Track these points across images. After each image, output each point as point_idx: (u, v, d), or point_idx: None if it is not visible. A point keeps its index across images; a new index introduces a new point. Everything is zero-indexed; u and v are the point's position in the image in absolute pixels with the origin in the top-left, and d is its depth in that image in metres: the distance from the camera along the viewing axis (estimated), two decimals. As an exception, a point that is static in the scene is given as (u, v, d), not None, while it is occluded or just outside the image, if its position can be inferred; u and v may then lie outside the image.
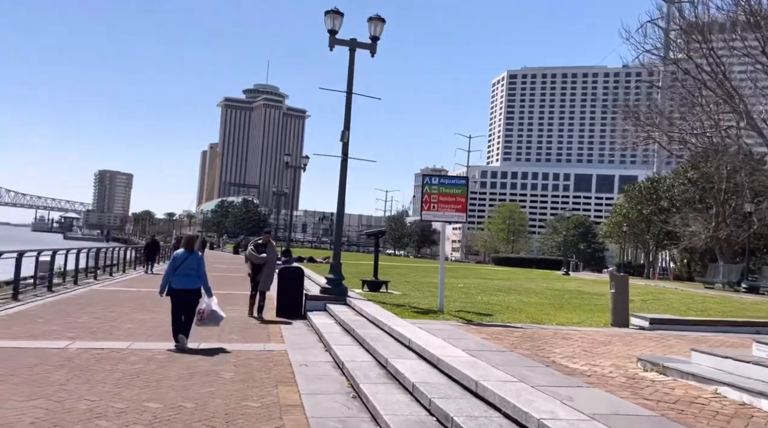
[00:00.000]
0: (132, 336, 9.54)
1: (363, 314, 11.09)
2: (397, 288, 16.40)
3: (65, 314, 11.66)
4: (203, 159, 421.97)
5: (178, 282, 9.04)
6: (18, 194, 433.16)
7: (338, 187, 13.85)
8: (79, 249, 18.98)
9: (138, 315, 12.09)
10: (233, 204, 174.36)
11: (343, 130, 13.54)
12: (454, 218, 10.73)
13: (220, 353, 8.49)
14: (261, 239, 12.77)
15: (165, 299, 9.11)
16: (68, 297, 14.87)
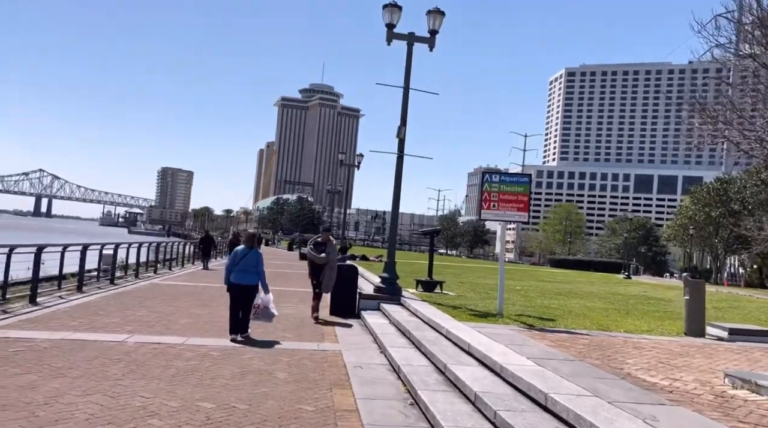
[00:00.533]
0: (188, 331, 9.54)
1: (418, 315, 10.75)
2: (452, 289, 15.98)
3: (125, 307, 11.85)
4: (260, 157, 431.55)
5: (237, 277, 9.35)
6: (87, 190, 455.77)
7: (393, 184, 13.56)
8: (140, 243, 19.46)
9: (194, 309, 12.16)
10: (288, 201, 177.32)
11: (399, 125, 13.24)
12: (515, 218, 10.23)
13: (273, 351, 8.34)
14: (320, 237, 11.93)
15: (220, 295, 9.44)
16: (129, 290, 15.20)
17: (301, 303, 14.38)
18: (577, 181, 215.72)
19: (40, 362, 6.76)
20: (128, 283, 16.82)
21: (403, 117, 13.34)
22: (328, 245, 11.63)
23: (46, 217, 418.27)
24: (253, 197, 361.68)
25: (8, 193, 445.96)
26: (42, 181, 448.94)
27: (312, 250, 11.66)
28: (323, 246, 11.63)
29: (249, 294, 9.32)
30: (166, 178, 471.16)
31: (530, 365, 6.26)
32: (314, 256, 11.56)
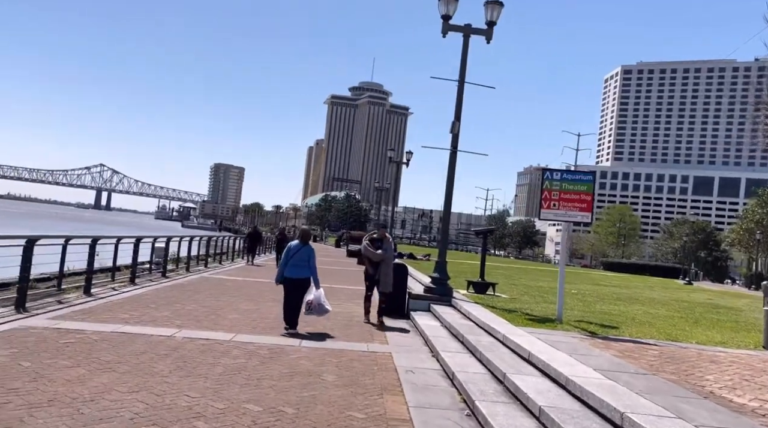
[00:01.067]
0: (236, 327, 9.40)
1: (471, 318, 10.30)
2: (505, 292, 15.41)
3: (175, 300, 11.86)
4: (309, 154, 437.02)
5: (291, 272, 9.74)
6: (144, 184, 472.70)
7: (446, 181, 13.13)
8: (192, 237, 19.67)
9: (243, 305, 12.07)
10: (336, 198, 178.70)
11: (453, 120, 12.79)
12: (577, 218, 9.63)
13: (322, 352, 8.08)
14: (376, 233, 11.27)
15: (268, 290, 9.48)
16: (180, 283, 15.31)
17: (349, 302, 14.14)
18: (631, 182, 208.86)
19: (89, 355, 6.69)
20: (179, 276, 16.98)
21: (457, 112, 12.88)
22: (384, 241, 11.05)
23: (106, 210, 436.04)
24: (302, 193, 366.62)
25: (71, 187, 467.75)
26: (102, 175, 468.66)
27: (368, 247, 11.04)
28: (380, 242, 11.07)
29: (301, 288, 9.67)
30: (219, 174, 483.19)
31: (599, 378, 5.74)
32: (371, 253, 10.94)
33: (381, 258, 10.87)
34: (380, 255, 10.86)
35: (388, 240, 11.22)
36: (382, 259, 10.90)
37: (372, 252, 10.95)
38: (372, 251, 10.95)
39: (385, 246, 10.99)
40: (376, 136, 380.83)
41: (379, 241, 11.07)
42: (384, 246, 10.97)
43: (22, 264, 9.26)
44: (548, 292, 17.03)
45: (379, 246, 10.98)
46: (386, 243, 11.08)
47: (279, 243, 25.16)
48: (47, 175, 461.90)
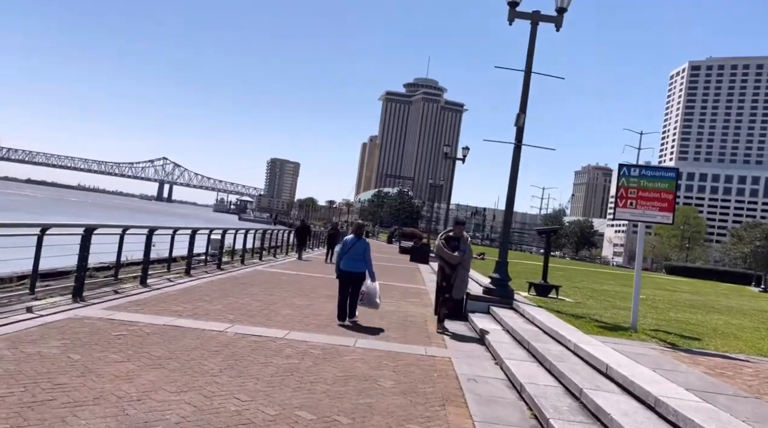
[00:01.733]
0: (288, 323, 9.09)
1: (535, 323, 9.64)
2: (568, 295, 14.58)
3: (229, 294, 11.70)
4: (363, 150, 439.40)
5: (346, 265, 9.91)
6: (204, 178, 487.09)
7: (509, 178, 12.44)
8: (248, 230, 19.68)
9: (296, 300, 11.80)
10: (388, 194, 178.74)
11: (518, 113, 12.10)
12: (657, 218, 8.79)
13: (377, 354, 7.64)
14: (452, 231, 10.03)
15: (321, 285, 9.99)
16: (234, 276, 15.23)
17: (402, 300, 13.68)
18: (696, 183, 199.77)
19: (140, 349, 6.48)
20: (234, 269, 16.95)
21: (522, 103, 12.18)
22: (461, 241, 9.79)
23: (167, 202, 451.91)
24: (355, 189, 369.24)
25: (136, 179, 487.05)
26: (165, 168, 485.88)
27: (443, 247, 9.80)
28: (456, 241, 9.81)
29: (357, 281, 9.85)
30: (275, 169, 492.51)
31: (694, 400, 5.05)
32: (447, 255, 9.70)
33: (458, 260, 9.65)
34: (457, 258, 9.65)
35: (466, 240, 9.95)
36: (459, 262, 9.70)
37: (448, 254, 9.74)
38: (448, 252, 9.74)
39: (463, 247, 9.75)
40: (429, 132, 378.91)
41: (456, 240, 9.83)
42: (461, 247, 9.74)
43: (80, 253, 9.25)
44: (615, 297, 16.07)
45: (456, 246, 9.76)
46: (464, 244, 9.81)
47: (330, 239, 24.91)
48: (114, 167, 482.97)
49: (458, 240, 9.86)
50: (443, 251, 9.80)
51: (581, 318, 10.27)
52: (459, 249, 9.72)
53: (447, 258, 9.77)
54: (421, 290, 16.79)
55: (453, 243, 9.83)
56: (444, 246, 9.83)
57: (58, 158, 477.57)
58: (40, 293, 8.95)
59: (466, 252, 9.75)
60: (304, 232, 25.58)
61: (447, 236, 10.07)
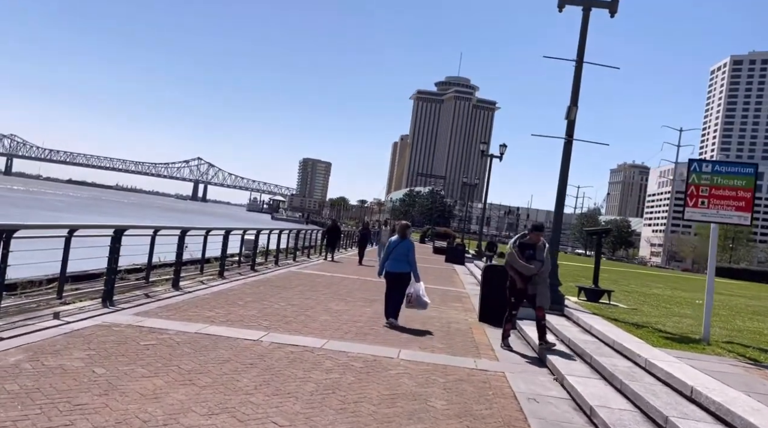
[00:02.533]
0: (326, 330, 8.53)
1: (593, 333, 8.86)
2: (620, 300, 13.68)
3: (263, 297, 11.22)
4: (394, 149, 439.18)
5: (391, 266, 9.93)
6: (237, 178, 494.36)
7: (559, 174, 11.65)
8: (281, 230, 19.24)
9: (333, 304, 11.25)
10: (420, 194, 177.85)
11: (569, 105, 11.30)
12: (732, 219, 7.93)
13: (424, 367, 7.00)
14: (527, 236, 8.57)
15: (359, 288, 10.80)
16: (268, 277, 14.79)
17: (443, 305, 13.02)
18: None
19: (169, 362, 5.97)
20: (268, 270, 16.53)
21: (574, 95, 11.37)
22: (537, 249, 8.36)
23: (202, 202, 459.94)
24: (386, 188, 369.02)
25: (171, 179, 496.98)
26: (199, 169, 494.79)
27: (517, 256, 8.35)
28: (532, 249, 8.37)
29: (402, 282, 9.80)
30: (307, 168, 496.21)
31: (808, 436, 4.27)
32: (522, 266, 8.28)
33: (533, 272, 8.26)
34: (533, 269, 8.24)
35: (543, 247, 8.44)
36: (535, 273, 8.30)
37: (522, 265, 8.27)
38: (522, 263, 8.28)
39: (540, 256, 8.33)
40: (461, 131, 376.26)
41: (531, 248, 8.39)
42: (538, 256, 8.33)
43: (109, 255, 8.86)
44: (670, 302, 15.08)
45: (531, 254, 8.33)
46: (540, 252, 8.36)
47: (362, 239, 24.45)
48: (151, 168, 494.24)
49: (534, 247, 8.41)
50: (516, 261, 8.36)
51: (642, 327, 9.44)
52: (535, 259, 8.31)
53: (520, 270, 8.36)
54: (462, 294, 16.08)
55: (528, 252, 8.37)
56: (517, 257, 8.36)
57: (97, 159, 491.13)
58: (69, 297, 8.59)
59: (545, 262, 8.35)
60: (334, 232, 24.55)
61: (521, 243, 8.56)
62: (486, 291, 11.26)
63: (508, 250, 8.62)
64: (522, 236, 8.76)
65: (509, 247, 8.62)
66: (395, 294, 9.76)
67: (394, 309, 9.70)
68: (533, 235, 8.53)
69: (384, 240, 21.98)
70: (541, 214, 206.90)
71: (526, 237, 8.63)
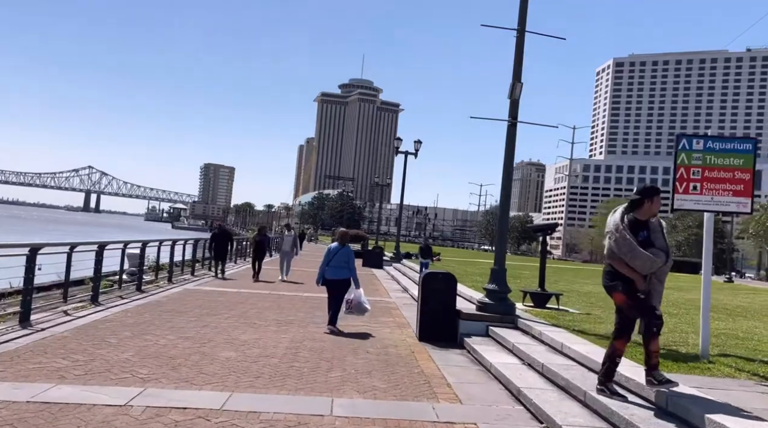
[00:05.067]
0: (230, 376, 6.30)
1: (568, 353, 7.22)
2: (564, 303, 12.32)
3: (146, 329, 8.72)
4: (300, 153, 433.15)
5: (331, 273, 9.75)
6: (134, 186, 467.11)
7: (503, 162, 10.03)
8: (174, 241, 16.41)
9: (239, 332, 8.96)
10: (329, 196, 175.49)
11: (513, 82, 9.71)
12: (731, 206, 6.54)
13: (368, 424, 5.00)
14: (639, 208, 5.30)
15: (271, 307, 10.32)
16: (158, 299, 12.16)
17: (372, 319, 11.04)
18: (625, 175, 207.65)
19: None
20: (159, 290, 13.83)
21: (516, 70, 9.80)
22: (653, 229, 5.26)
23: (95, 213, 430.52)
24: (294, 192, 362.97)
25: (60, 190, 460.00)
26: (91, 178, 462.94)
27: (629, 236, 5.13)
28: (644, 230, 5.24)
29: (342, 288, 9.69)
30: (209, 174, 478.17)
31: None
32: (646, 256, 5.07)
33: (659, 266, 5.17)
34: (659, 263, 5.14)
35: (660, 228, 5.31)
36: (661, 267, 5.20)
37: (646, 256, 5.07)
38: (645, 253, 5.08)
39: (658, 241, 5.21)
40: (367, 132, 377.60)
41: (644, 228, 5.22)
42: (656, 241, 5.20)
43: None
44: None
45: (646, 238, 5.17)
46: (657, 234, 5.25)
47: (258, 247, 18.56)
48: (35, 178, 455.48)
49: (647, 226, 5.26)
50: (636, 249, 5.05)
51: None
52: (653, 246, 5.16)
53: (641, 264, 5.09)
54: (390, 304, 14.19)
55: (642, 235, 5.17)
56: (630, 237, 5.11)
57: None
58: None
59: (669, 252, 5.25)
60: (223, 240, 18.70)
61: (635, 219, 5.25)
62: (425, 304, 9.43)
63: (612, 232, 5.28)
64: (631, 206, 5.31)
65: (612, 226, 5.30)
66: (334, 301, 9.67)
67: (333, 315, 9.62)
68: (648, 205, 5.25)
69: (287, 249, 19.12)
70: (448, 212, 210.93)
71: (636, 207, 5.28)
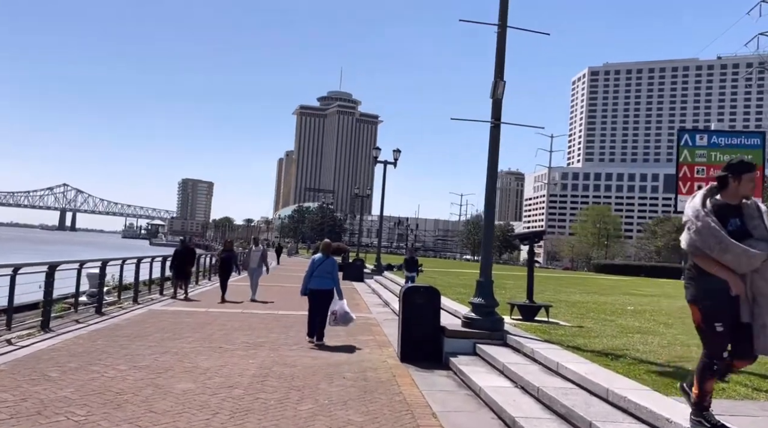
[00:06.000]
0: (182, 414, 5.45)
1: (565, 375, 6.47)
2: (556, 315, 11.61)
3: (96, 358, 7.80)
4: (279, 166, 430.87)
5: (315, 284, 9.76)
6: (110, 203, 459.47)
7: (487, 166, 9.33)
8: (139, 258, 15.40)
9: (202, 358, 8.07)
10: (309, 209, 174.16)
11: (495, 80, 9.04)
12: (740, 206, 5.93)
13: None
14: (725, 187, 4.18)
15: (241, 327, 9.95)
16: (117, 323, 11.19)
17: (350, 338, 10.24)
18: (603, 183, 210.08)
19: None
20: (122, 312, 12.85)
21: (498, 67, 9.14)
22: (748, 215, 4.13)
23: (71, 231, 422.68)
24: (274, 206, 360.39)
25: (34, 208, 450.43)
26: (66, 196, 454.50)
27: (715, 224, 3.96)
28: (737, 216, 4.10)
29: (327, 299, 9.65)
30: (187, 190, 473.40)
31: None
32: (741, 250, 3.88)
33: (764, 260, 3.93)
34: (762, 256, 3.91)
35: (758, 212, 4.11)
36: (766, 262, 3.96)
37: (741, 249, 3.91)
38: (735, 243, 3.93)
39: (758, 231, 4.05)
40: (347, 145, 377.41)
41: (737, 214, 4.11)
42: (755, 231, 4.05)
43: None
44: (602, 311, 13.35)
45: (740, 227, 4.05)
46: (753, 218, 4.11)
47: (224, 264, 16.44)
48: (8, 197, 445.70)
49: (740, 212, 4.12)
50: (725, 239, 3.93)
51: (618, 357, 7.21)
52: (752, 237, 3.99)
53: (737, 258, 3.94)
54: (370, 321, 13.35)
55: (733, 223, 4.04)
56: (715, 224, 3.97)
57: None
58: None
59: None
60: (186, 257, 16.68)
61: (722, 203, 4.15)
62: (407, 322, 8.65)
63: (691, 220, 4.08)
64: (717, 186, 4.21)
65: (691, 213, 4.08)
66: (319, 313, 9.61)
67: (320, 328, 9.56)
68: (736, 185, 4.12)
69: (254, 265, 16.88)
70: (429, 223, 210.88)
71: (722, 188, 4.18)
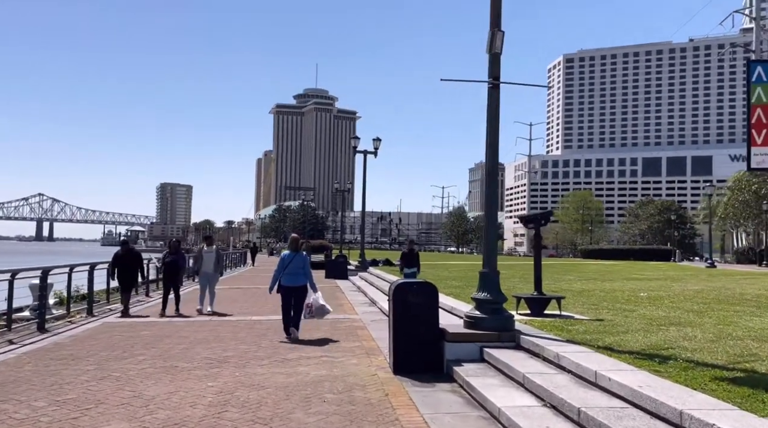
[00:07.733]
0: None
1: (603, 386, 5.02)
2: (567, 308, 10.14)
3: (12, 390, 6.18)
4: (258, 166, 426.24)
5: (287, 280, 9.70)
6: (88, 211, 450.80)
7: (486, 133, 7.83)
8: (92, 265, 13.63)
9: (148, 384, 6.49)
10: (290, 208, 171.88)
11: (491, 31, 7.54)
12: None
13: None
14: None
15: (205, 339, 9.32)
16: (58, 341, 9.53)
17: (334, 347, 8.73)
18: (583, 169, 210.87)
19: None
20: (70, 326, 11.18)
21: (494, 16, 7.64)
22: None
23: (49, 241, 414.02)
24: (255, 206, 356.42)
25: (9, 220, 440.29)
26: (42, 205, 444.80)
27: None
28: None
29: (299, 296, 9.65)
30: (166, 194, 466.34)
31: None
32: None
33: None
34: None
35: None
36: None
37: None
38: None
39: None
40: (325, 142, 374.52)
41: None
42: None
43: None
44: (615, 300, 11.98)
45: None
46: None
47: (169, 268, 13.77)
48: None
49: None
50: None
51: (665, 360, 5.77)
52: None
53: None
54: (356, 322, 11.79)
55: None
56: None
57: None
58: None
59: None
60: (129, 264, 13.28)
61: None
62: (400, 325, 7.14)
63: None
64: None
65: None
66: (294, 308, 9.61)
67: (295, 322, 9.55)
68: None
69: (207, 270, 13.65)
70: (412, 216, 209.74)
71: None
